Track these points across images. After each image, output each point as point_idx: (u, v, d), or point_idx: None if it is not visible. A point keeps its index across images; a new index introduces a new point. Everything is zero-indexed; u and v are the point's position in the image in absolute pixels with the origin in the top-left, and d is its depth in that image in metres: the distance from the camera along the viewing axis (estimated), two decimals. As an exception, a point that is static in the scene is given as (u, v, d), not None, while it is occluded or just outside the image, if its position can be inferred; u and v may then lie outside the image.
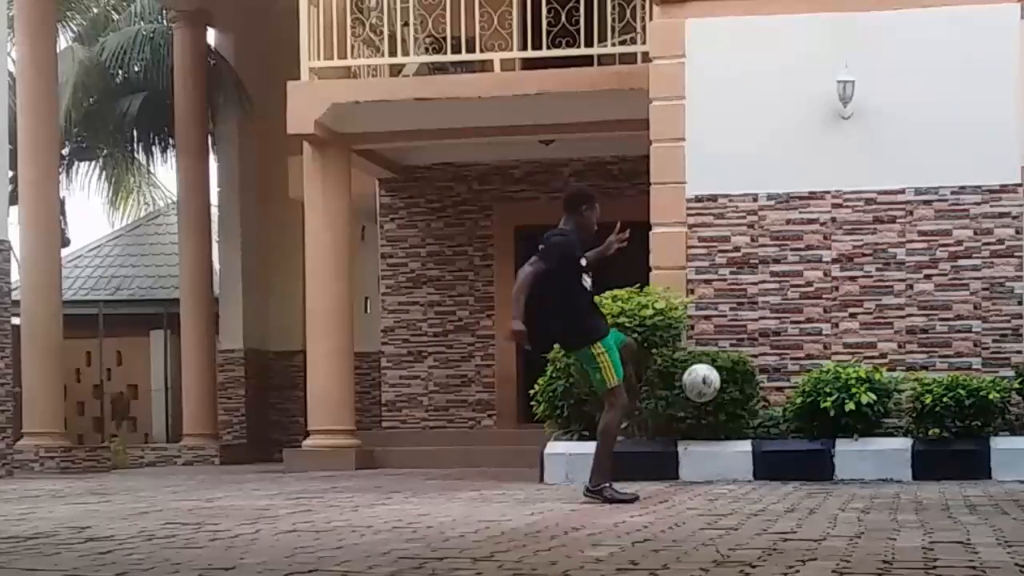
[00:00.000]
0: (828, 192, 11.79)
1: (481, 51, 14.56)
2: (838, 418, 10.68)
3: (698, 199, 11.95)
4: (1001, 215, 11.57)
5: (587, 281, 8.67)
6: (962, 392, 10.62)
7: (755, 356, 11.55)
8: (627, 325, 10.95)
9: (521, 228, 17.25)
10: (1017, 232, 11.57)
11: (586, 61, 14.53)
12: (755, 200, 11.90)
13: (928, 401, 10.69)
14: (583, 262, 8.64)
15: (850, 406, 10.64)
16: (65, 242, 20.84)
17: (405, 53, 15.04)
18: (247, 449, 19.17)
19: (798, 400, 10.99)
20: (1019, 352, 11.42)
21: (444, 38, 15.27)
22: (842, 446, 10.72)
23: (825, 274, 11.76)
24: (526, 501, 8.58)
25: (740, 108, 11.93)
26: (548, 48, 14.25)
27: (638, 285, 11.52)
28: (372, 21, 15.12)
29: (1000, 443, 10.64)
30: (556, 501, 8.62)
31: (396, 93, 14.73)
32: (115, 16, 22.72)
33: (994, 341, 11.50)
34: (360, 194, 16.52)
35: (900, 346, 11.62)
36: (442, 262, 17.49)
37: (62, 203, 20.03)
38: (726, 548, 5.45)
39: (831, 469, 10.66)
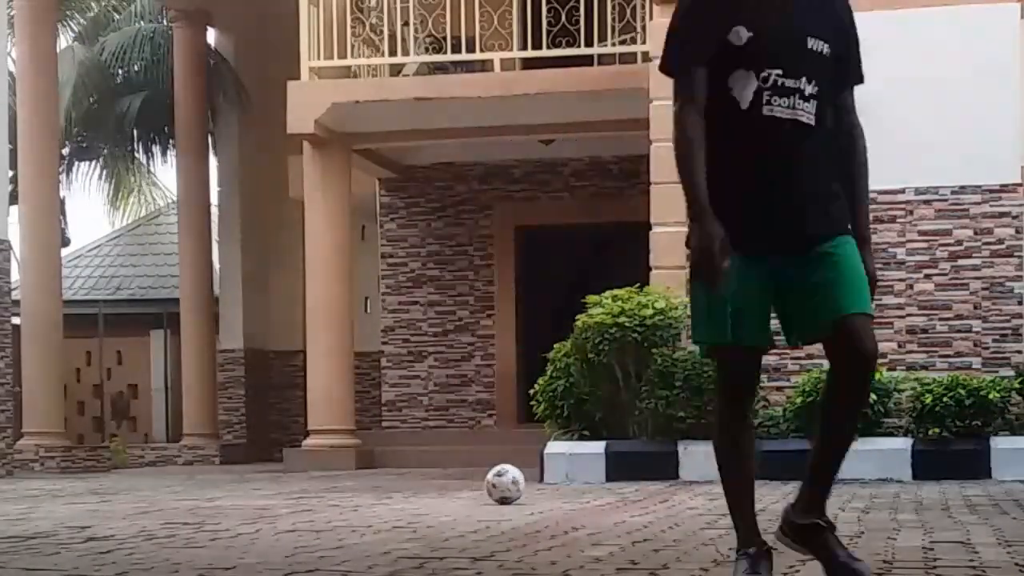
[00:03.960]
0: (828, 192, 11.77)
1: (481, 51, 14.56)
2: (838, 418, 10.66)
3: (698, 199, 11.93)
4: (1001, 215, 11.57)
5: (741, 83, 5.08)
6: (962, 392, 10.62)
7: (755, 356, 11.52)
8: (627, 325, 10.96)
9: (521, 228, 17.27)
10: (1017, 232, 11.56)
11: (586, 61, 14.54)
12: (755, 200, 11.88)
13: (928, 401, 10.69)
14: (741, 33, 4.69)
15: (850, 406, 10.62)
16: (65, 242, 20.83)
17: (405, 53, 15.05)
18: (247, 449, 19.17)
19: (798, 400, 10.99)
20: (1019, 352, 11.42)
21: (444, 38, 15.28)
22: (842, 446, 10.70)
23: (825, 274, 11.74)
24: (526, 501, 8.57)
25: (740, 108, 11.90)
26: (548, 48, 14.26)
27: (638, 285, 11.52)
28: (372, 21, 15.13)
29: (1000, 443, 10.64)
30: (556, 501, 8.62)
31: (396, 93, 14.73)
32: (115, 16, 22.71)
33: (994, 341, 11.50)
34: (360, 194, 16.53)
35: (900, 346, 11.62)
36: (442, 262, 17.50)
37: (62, 203, 20.02)
38: (726, 548, 5.44)
39: (831, 469, 10.64)
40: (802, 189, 3.86)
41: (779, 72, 3.84)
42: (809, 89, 3.86)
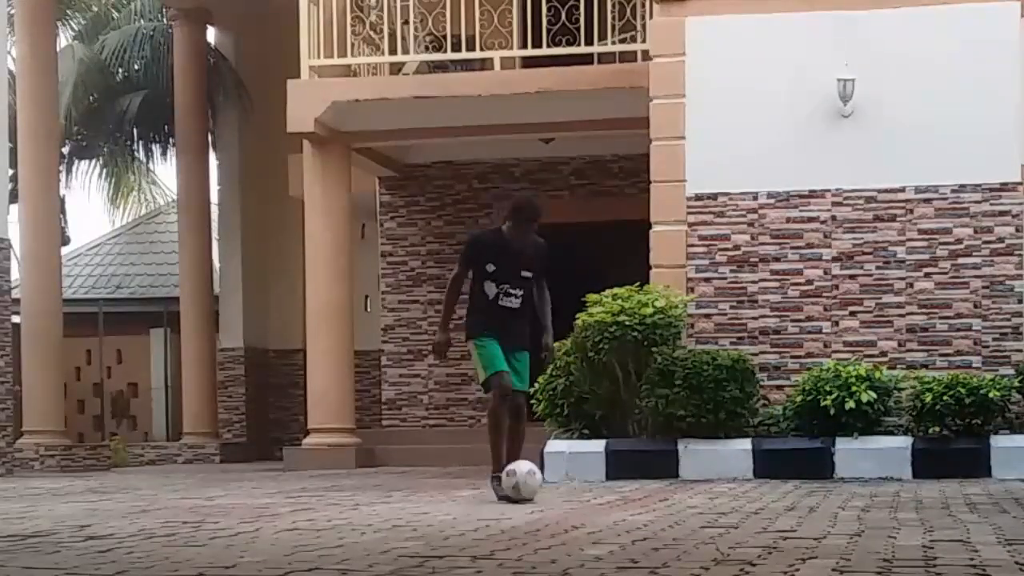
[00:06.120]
0: (828, 190, 11.79)
1: (481, 49, 14.56)
2: (838, 416, 10.68)
3: (698, 197, 11.95)
4: (1001, 213, 11.57)
5: (489, 287, 8.87)
6: (962, 390, 10.62)
7: (755, 354, 11.55)
8: (627, 323, 10.96)
9: (521, 226, 17.24)
10: (1017, 230, 11.57)
11: (586, 59, 14.54)
12: (755, 198, 11.90)
13: (928, 399, 10.69)
14: (490, 268, 8.89)
15: (850, 404, 10.64)
16: (65, 240, 20.83)
17: (405, 51, 15.05)
18: (247, 447, 19.17)
19: (798, 398, 10.99)
20: (1019, 350, 11.42)
21: (444, 36, 15.27)
22: (842, 444, 10.71)
23: (825, 272, 11.76)
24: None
25: (740, 106, 11.93)
26: (548, 46, 14.26)
27: (638, 283, 11.53)
28: (372, 19, 15.13)
29: (1000, 441, 10.64)
30: (556, 499, 8.62)
31: (396, 91, 14.73)
32: (115, 14, 22.70)
33: (994, 339, 11.50)
34: (360, 192, 16.52)
35: (900, 344, 11.62)
36: (442, 260, 17.47)
37: (62, 201, 20.02)
38: (726, 546, 5.44)
39: (831, 467, 10.65)
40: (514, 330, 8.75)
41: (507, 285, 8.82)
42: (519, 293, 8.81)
